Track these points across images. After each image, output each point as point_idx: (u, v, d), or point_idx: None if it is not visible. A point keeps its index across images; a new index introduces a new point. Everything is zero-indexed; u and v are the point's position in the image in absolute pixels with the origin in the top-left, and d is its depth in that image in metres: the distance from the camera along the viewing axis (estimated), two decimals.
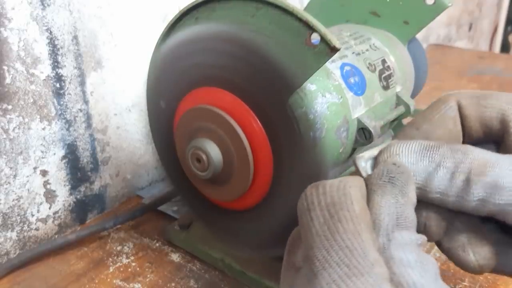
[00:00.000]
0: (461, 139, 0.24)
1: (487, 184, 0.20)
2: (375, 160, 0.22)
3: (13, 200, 0.44)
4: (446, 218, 0.22)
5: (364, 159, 0.22)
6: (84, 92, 0.48)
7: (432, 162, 0.20)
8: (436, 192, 0.20)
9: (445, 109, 0.24)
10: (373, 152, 0.22)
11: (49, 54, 0.44)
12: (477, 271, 0.22)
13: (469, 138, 0.24)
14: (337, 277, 0.17)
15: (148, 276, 0.43)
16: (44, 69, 0.44)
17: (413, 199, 0.20)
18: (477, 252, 0.22)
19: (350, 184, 0.19)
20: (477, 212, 0.20)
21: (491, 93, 0.24)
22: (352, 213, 0.18)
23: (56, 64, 0.45)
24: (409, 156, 0.21)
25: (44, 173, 0.46)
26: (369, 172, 0.22)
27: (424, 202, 0.21)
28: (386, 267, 0.17)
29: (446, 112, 0.24)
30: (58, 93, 0.46)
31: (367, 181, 0.21)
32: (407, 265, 0.18)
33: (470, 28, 1.58)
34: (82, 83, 0.48)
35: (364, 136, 0.33)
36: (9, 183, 0.44)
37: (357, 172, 0.22)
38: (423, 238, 0.19)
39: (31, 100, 0.44)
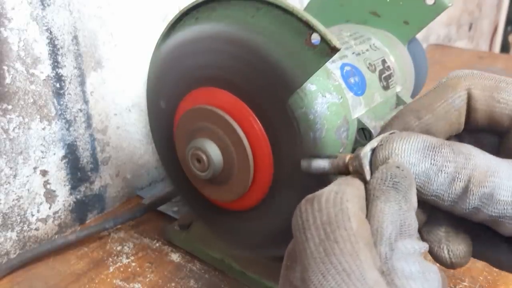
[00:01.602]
0: (461, 131, 0.23)
1: (484, 194, 0.19)
2: (373, 155, 0.21)
3: (13, 200, 0.44)
4: (427, 212, 0.22)
5: (364, 154, 0.21)
6: (84, 92, 0.48)
7: (433, 165, 0.20)
8: (432, 196, 0.20)
9: (452, 98, 0.22)
10: (372, 144, 0.21)
11: (49, 54, 0.44)
12: (448, 266, 0.22)
13: (472, 128, 0.23)
14: None
15: (148, 276, 0.43)
16: (44, 69, 0.44)
17: (415, 204, 0.20)
18: (452, 250, 0.22)
19: (347, 197, 0.18)
20: (468, 217, 0.20)
21: (506, 85, 0.22)
22: (350, 231, 0.17)
23: (56, 64, 0.45)
24: (411, 156, 0.20)
25: (44, 173, 0.46)
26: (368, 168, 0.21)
27: None
28: (386, 282, 0.17)
29: (453, 101, 0.22)
30: (58, 93, 0.46)
31: (369, 185, 0.20)
32: (409, 276, 0.17)
33: (470, 28, 1.58)
34: (82, 83, 0.48)
35: (364, 136, 0.33)
36: (9, 183, 0.44)
37: (359, 169, 0.21)
38: (425, 246, 0.19)
39: (31, 100, 0.43)
